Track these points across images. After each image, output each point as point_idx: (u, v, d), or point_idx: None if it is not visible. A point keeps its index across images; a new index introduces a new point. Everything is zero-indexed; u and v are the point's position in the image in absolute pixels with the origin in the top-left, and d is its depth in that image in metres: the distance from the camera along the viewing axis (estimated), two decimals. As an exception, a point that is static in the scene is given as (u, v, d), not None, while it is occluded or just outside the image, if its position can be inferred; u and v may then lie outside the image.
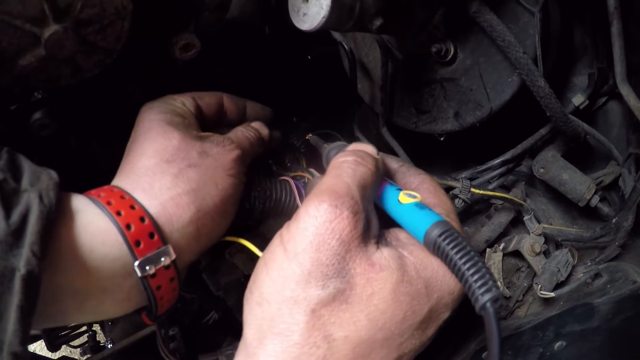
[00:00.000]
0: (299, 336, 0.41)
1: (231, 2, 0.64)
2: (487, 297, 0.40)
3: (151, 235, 0.48)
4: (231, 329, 0.84)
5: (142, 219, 0.48)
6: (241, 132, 0.62)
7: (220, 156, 0.55)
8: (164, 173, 0.51)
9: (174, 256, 0.50)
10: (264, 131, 0.65)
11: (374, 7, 0.60)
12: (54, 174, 0.46)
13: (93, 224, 0.47)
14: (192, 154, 0.53)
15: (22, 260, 0.39)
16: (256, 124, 0.65)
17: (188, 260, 0.54)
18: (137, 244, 0.47)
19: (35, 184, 0.43)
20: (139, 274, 0.48)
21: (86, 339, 1.16)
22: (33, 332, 1.00)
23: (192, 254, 0.54)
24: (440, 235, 0.44)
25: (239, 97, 0.68)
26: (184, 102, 0.60)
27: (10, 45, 0.47)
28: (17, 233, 0.40)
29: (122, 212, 0.47)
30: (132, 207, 0.48)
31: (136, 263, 0.47)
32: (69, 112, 0.61)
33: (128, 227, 0.47)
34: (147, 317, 0.54)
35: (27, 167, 0.45)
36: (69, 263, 0.44)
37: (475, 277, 0.41)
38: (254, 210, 0.61)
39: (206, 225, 0.53)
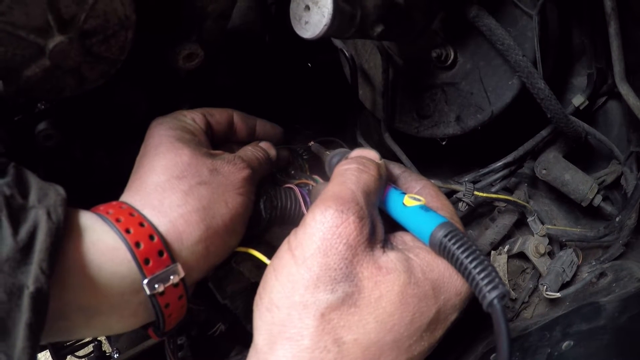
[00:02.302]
0: (309, 340, 0.41)
1: (232, 11, 0.64)
2: (494, 294, 0.40)
3: (160, 253, 0.48)
4: (239, 337, 0.84)
5: (151, 237, 0.48)
6: (251, 152, 0.61)
7: (230, 174, 0.55)
8: (174, 190, 0.51)
9: (182, 274, 0.49)
10: (272, 152, 0.65)
11: (374, 14, 0.60)
12: (61, 190, 0.45)
13: (101, 241, 0.46)
14: (203, 171, 0.53)
15: (31, 277, 0.39)
16: (264, 144, 0.65)
17: (196, 277, 0.54)
18: (146, 262, 0.47)
19: (43, 200, 0.43)
20: (148, 292, 0.47)
21: (92, 349, 1.15)
22: (39, 343, 1.00)
23: (201, 271, 0.54)
24: (446, 236, 0.44)
25: (249, 115, 0.67)
26: (194, 118, 0.59)
27: (15, 56, 0.48)
28: (25, 250, 0.39)
29: (131, 230, 0.47)
30: (142, 225, 0.48)
31: (145, 281, 0.47)
32: (74, 122, 0.62)
33: (137, 244, 0.47)
34: (154, 333, 0.54)
35: (34, 183, 0.44)
36: (77, 280, 0.44)
37: (482, 275, 0.41)
38: (261, 220, 0.60)
39: (215, 244, 0.53)
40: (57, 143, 0.60)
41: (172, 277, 0.48)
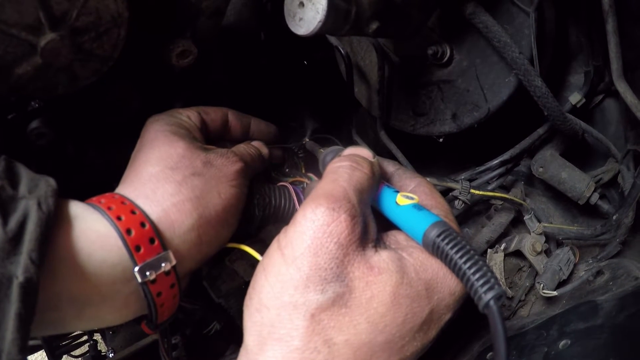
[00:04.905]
0: (299, 341, 0.40)
1: (227, 8, 0.64)
2: (490, 295, 0.39)
3: (151, 241, 0.48)
4: (234, 336, 0.84)
5: (142, 224, 0.48)
6: (243, 148, 0.63)
7: (224, 167, 0.56)
8: (168, 180, 0.51)
9: (174, 262, 0.50)
10: (264, 150, 0.67)
11: (369, 10, 0.60)
12: (52, 181, 0.45)
13: (92, 229, 0.46)
14: (197, 162, 0.54)
15: (20, 267, 0.38)
16: (257, 143, 0.66)
17: (189, 267, 0.54)
18: (137, 248, 0.47)
19: (34, 191, 0.43)
20: (139, 279, 0.47)
21: (87, 349, 1.15)
22: (34, 342, 0.99)
23: (193, 261, 0.54)
24: (439, 236, 0.44)
25: (243, 114, 0.69)
26: (189, 116, 0.61)
27: (6, 53, 0.47)
28: (15, 240, 0.39)
29: (123, 217, 0.47)
30: (133, 212, 0.48)
31: (136, 268, 0.47)
32: (66, 120, 0.61)
33: (128, 231, 0.47)
34: (146, 326, 0.54)
35: (25, 174, 0.44)
36: (68, 269, 0.44)
37: (477, 275, 0.41)
38: (254, 217, 0.60)
39: (208, 233, 0.53)
40: (49, 141, 0.60)
41: (163, 264, 0.49)
